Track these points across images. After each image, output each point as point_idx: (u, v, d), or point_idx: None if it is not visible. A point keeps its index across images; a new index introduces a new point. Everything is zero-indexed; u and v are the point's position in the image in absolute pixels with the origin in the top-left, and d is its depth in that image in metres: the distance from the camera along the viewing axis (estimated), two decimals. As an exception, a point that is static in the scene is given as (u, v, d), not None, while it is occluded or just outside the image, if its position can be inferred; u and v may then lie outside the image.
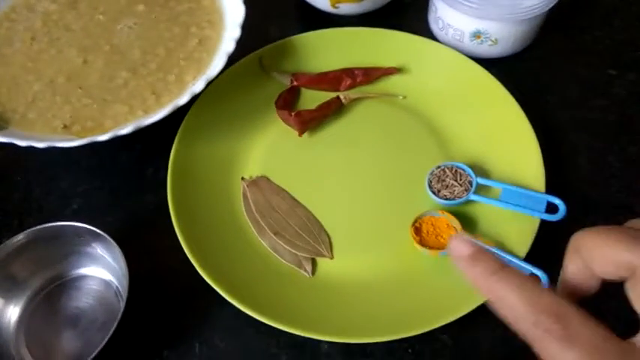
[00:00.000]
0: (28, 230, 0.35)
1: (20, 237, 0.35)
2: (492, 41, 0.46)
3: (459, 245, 0.23)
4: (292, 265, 0.38)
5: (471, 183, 0.39)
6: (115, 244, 0.34)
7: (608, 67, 0.48)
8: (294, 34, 0.47)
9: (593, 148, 0.43)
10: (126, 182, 0.43)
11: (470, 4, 0.43)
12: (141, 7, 0.46)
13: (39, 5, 0.48)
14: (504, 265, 0.21)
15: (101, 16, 0.46)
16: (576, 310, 0.19)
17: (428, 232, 0.38)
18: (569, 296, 0.23)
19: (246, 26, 0.43)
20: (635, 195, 0.41)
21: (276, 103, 0.45)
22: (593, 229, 0.21)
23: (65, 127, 0.40)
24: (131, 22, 0.46)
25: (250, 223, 0.40)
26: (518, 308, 0.20)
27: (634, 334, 0.20)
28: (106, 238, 0.35)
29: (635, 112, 0.45)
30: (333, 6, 0.50)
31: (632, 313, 0.20)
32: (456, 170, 0.39)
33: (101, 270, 0.38)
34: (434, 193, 0.39)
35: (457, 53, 0.45)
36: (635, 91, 0.47)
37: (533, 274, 0.34)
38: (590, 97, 0.46)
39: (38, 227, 0.35)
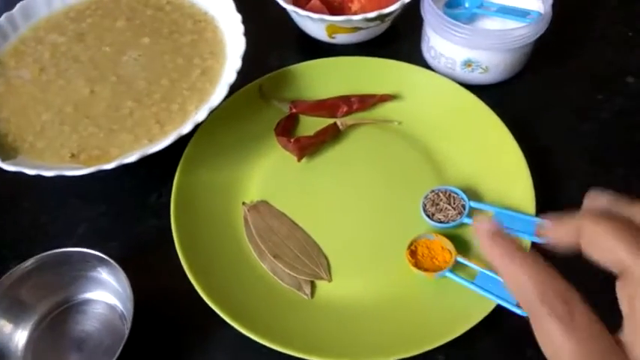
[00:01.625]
0: (36, 256, 0.37)
1: (28, 263, 0.36)
2: (483, 69, 0.47)
3: (484, 222, 0.24)
4: (292, 288, 0.39)
5: (464, 206, 0.40)
6: (119, 268, 0.36)
7: (597, 92, 0.50)
8: (292, 64, 0.49)
9: (582, 171, 0.45)
10: (130, 208, 0.45)
11: (460, 35, 0.45)
12: (146, 40, 0.49)
13: (47, 37, 0.50)
14: (522, 249, 0.22)
15: (107, 48, 0.48)
16: (583, 301, 0.20)
17: (423, 254, 0.39)
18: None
19: (247, 56, 0.45)
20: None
21: (275, 129, 0.47)
22: (603, 221, 0.22)
23: (73, 155, 0.41)
24: (136, 54, 0.48)
25: (251, 247, 0.41)
26: (529, 287, 0.21)
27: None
28: (111, 263, 0.36)
29: (622, 135, 0.47)
30: (330, 36, 0.52)
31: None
32: (449, 194, 0.41)
33: (106, 294, 0.39)
34: (428, 216, 0.40)
35: (449, 81, 0.47)
36: (622, 114, 0.48)
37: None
38: (579, 122, 0.48)
39: (46, 253, 0.37)
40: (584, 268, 0.23)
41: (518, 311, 0.34)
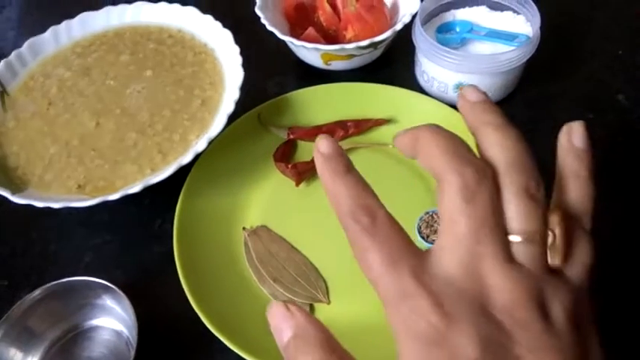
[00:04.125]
0: (44, 286, 0.38)
1: (36, 293, 0.38)
2: (474, 92, 0.49)
3: (323, 143, 0.24)
4: (291, 311, 0.40)
5: (457, 227, 0.41)
6: (123, 295, 0.37)
7: (588, 111, 0.51)
8: (290, 91, 0.51)
9: (574, 189, 0.46)
10: (135, 235, 0.46)
11: (451, 60, 0.47)
12: (149, 73, 0.51)
13: (54, 72, 0.53)
14: (351, 170, 0.23)
15: (112, 82, 0.50)
16: (386, 214, 0.22)
17: (418, 275, 0.40)
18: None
19: (246, 84, 0.46)
20: (616, 235, 0.43)
21: (274, 155, 0.48)
22: (439, 131, 0.23)
23: (79, 187, 0.43)
24: (140, 87, 0.50)
25: (251, 271, 0.42)
26: (343, 201, 0.22)
27: None
28: (116, 291, 0.37)
29: (613, 153, 0.48)
30: (326, 63, 0.54)
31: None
32: (443, 216, 0.42)
33: (112, 321, 0.40)
34: (423, 238, 0.41)
35: (441, 104, 0.48)
36: (613, 132, 0.49)
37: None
38: (570, 140, 0.49)
39: (53, 283, 0.38)
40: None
41: None
